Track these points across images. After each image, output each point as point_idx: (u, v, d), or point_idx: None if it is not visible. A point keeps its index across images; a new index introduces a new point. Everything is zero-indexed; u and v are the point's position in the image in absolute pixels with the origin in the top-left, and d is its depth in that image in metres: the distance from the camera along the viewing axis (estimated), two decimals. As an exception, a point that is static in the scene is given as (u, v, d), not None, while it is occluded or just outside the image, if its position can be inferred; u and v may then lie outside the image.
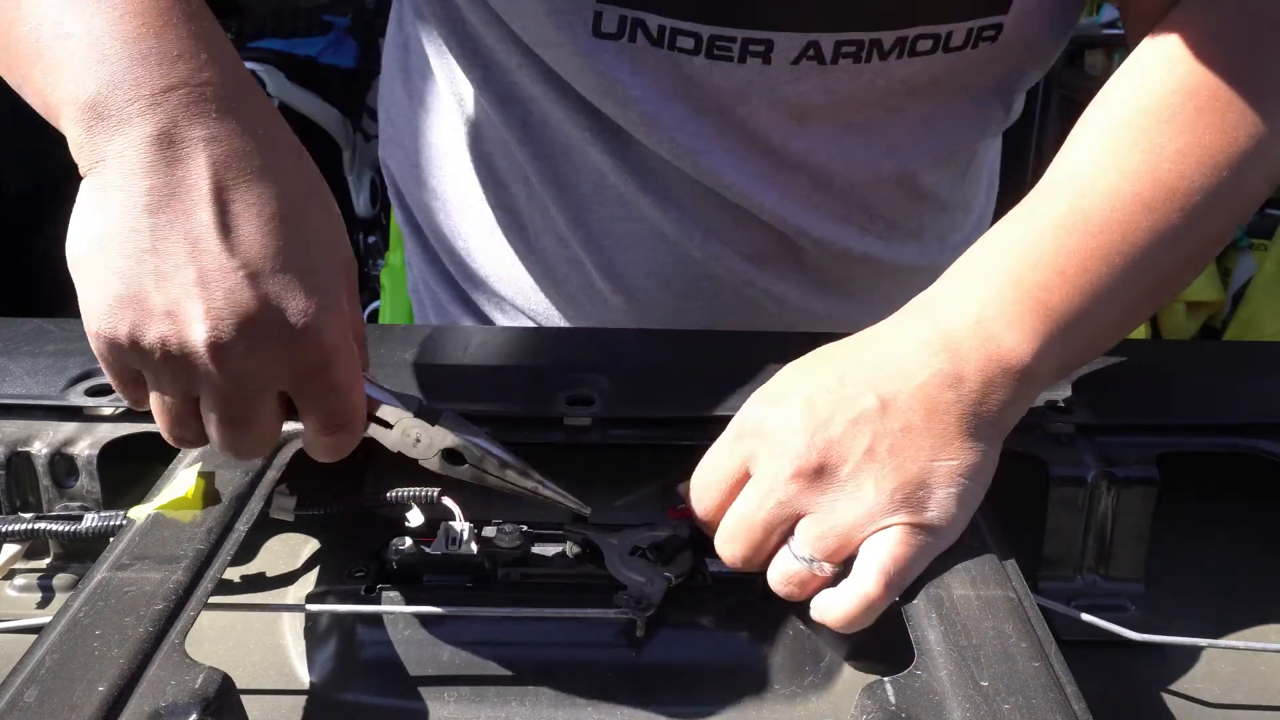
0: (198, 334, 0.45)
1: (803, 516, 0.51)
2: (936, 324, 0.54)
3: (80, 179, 0.47)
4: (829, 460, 0.50)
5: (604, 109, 0.74)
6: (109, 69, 0.46)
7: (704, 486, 0.55)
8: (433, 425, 0.53)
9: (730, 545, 0.53)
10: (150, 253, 0.45)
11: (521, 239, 0.85)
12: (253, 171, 0.47)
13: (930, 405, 0.51)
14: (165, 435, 0.50)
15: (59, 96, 0.47)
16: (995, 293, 0.54)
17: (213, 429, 0.49)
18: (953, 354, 0.52)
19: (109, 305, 0.45)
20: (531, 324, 0.88)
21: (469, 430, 0.53)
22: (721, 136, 0.75)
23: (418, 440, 0.53)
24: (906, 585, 0.50)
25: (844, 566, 0.51)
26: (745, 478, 0.53)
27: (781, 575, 0.52)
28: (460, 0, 0.75)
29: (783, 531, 0.52)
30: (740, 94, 0.72)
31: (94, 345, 0.47)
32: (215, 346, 0.45)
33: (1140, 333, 2.47)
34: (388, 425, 0.53)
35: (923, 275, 0.58)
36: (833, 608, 0.51)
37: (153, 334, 0.45)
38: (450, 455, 0.53)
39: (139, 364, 0.47)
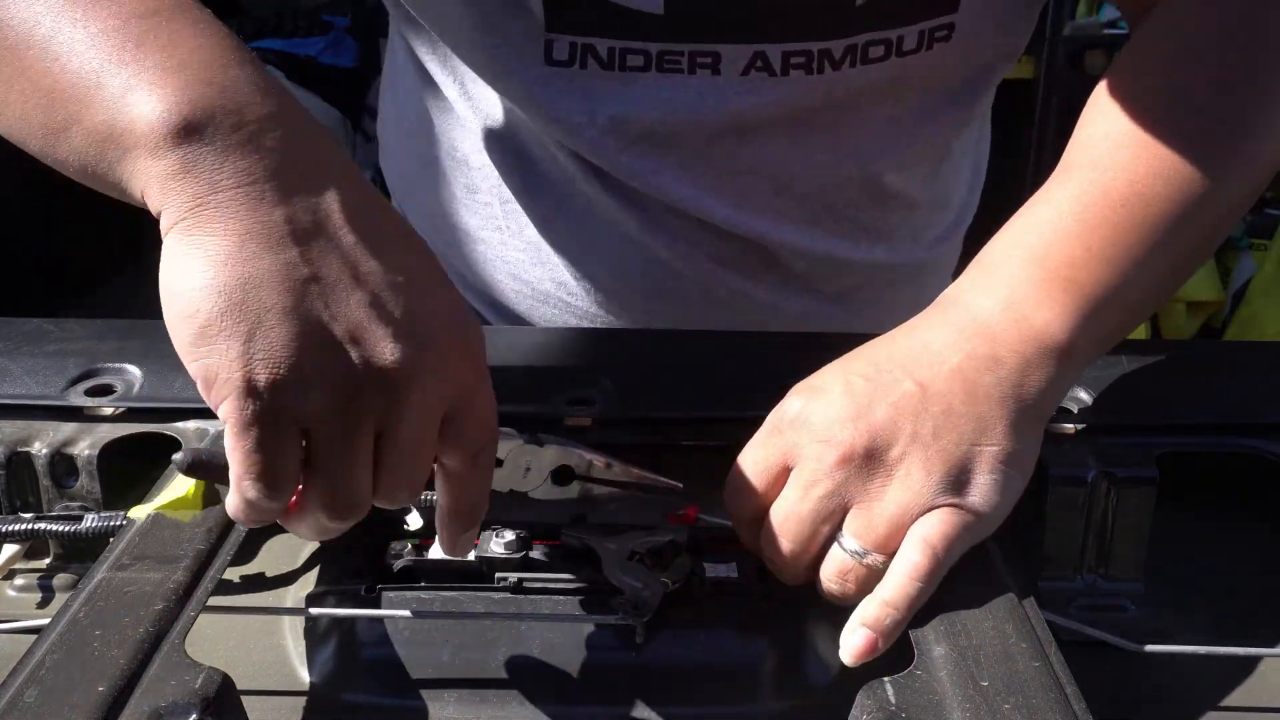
0: (387, 354, 0.42)
1: (850, 507, 0.50)
2: (966, 312, 0.53)
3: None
4: (875, 446, 0.49)
5: (554, 133, 0.75)
6: (201, 94, 0.42)
7: (742, 483, 0.52)
8: (541, 447, 0.52)
9: (777, 544, 0.51)
10: (313, 281, 0.42)
11: (499, 241, 0.86)
12: (367, 191, 0.45)
13: (969, 388, 0.51)
14: (324, 516, 0.45)
15: (132, 130, 0.42)
16: (1023, 275, 0.53)
17: (386, 473, 0.45)
18: (986, 337, 0.52)
19: (285, 347, 0.41)
20: (517, 323, 0.89)
21: (570, 443, 0.53)
22: (672, 152, 0.74)
23: (527, 469, 0.52)
24: (953, 562, 0.49)
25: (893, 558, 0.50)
26: (786, 472, 0.52)
27: (834, 572, 0.51)
28: (427, 23, 0.76)
29: (831, 525, 0.51)
30: (691, 107, 0.72)
31: (252, 409, 0.41)
32: (405, 365, 0.42)
33: (1140, 333, 2.47)
34: (499, 462, 0.51)
35: (896, 272, 0.58)
36: (888, 587, 0.49)
37: (340, 366, 0.42)
38: (558, 474, 0.52)
39: (315, 410, 0.42)
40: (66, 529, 0.56)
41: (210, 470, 0.48)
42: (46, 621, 0.46)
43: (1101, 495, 0.57)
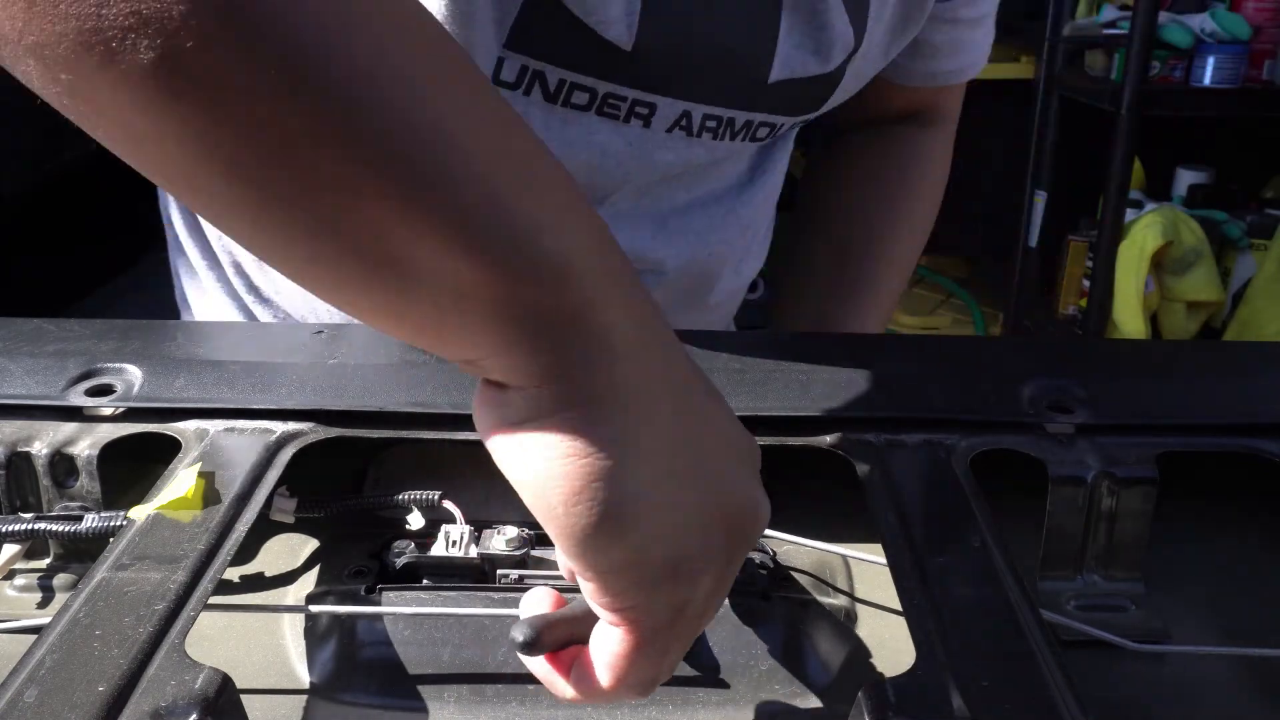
0: (751, 535, 0.42)
1: None
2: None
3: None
4: None
5: None
6: (597, 247, 0.37)
7: None
8: None
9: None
10: (706, 460, 0.40)
11: None
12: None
13: None
14: (634, 693, 0.43)
15: (543, 278, 0.35)
16: None
17: (678, 649, 0.43)
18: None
19: (708, 550, 0.40)
20: None
21: None
22: (590, 195, 0.77)
23: None
24: None
25: None
26: None
27: None
28: None
29: None
30: (619, 155, 0.74)
31: (672, 616, 0.40)
32: (754, 538, 0.43)
33: (1140, 333, 2.47)
34: None
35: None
36: None
37: (726, 553, 0.41)
38: None
39: (700, 600, 0.41)
40: (66, 529, 0.56)
41: (554, 646, 0.44)
42: (46, 621, 0.45)
43: (1102, 495, 0.57)
